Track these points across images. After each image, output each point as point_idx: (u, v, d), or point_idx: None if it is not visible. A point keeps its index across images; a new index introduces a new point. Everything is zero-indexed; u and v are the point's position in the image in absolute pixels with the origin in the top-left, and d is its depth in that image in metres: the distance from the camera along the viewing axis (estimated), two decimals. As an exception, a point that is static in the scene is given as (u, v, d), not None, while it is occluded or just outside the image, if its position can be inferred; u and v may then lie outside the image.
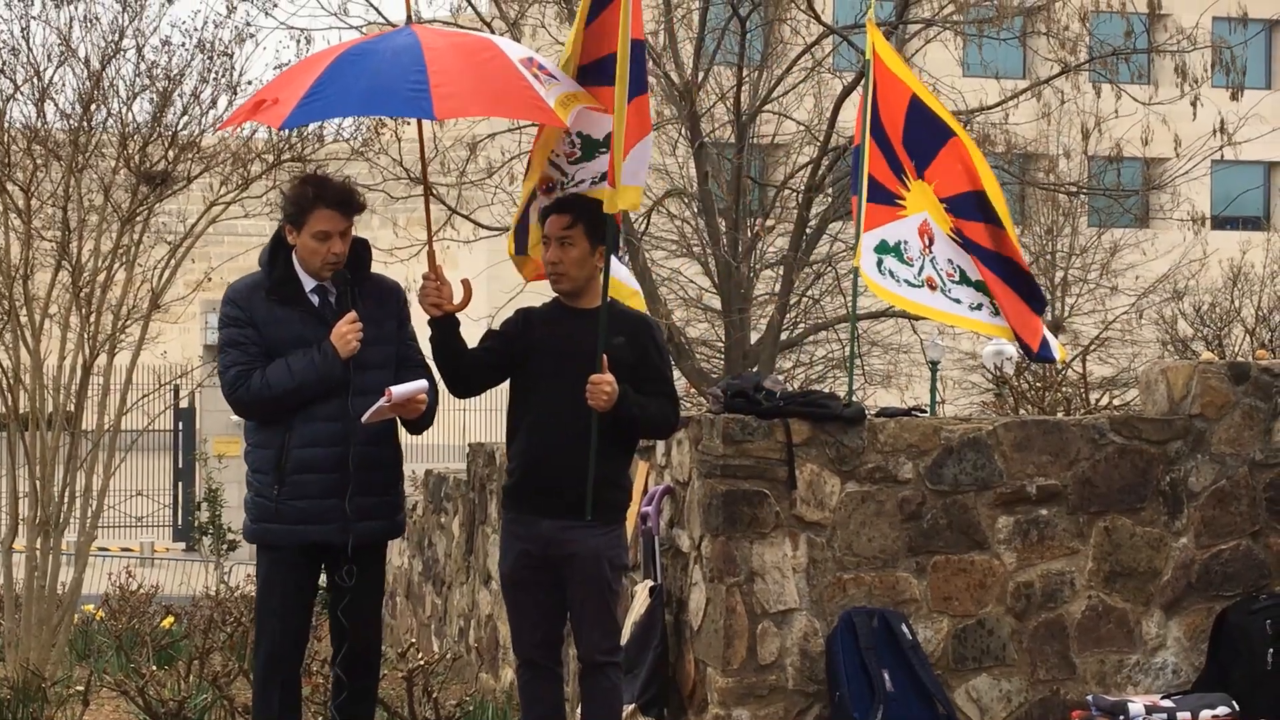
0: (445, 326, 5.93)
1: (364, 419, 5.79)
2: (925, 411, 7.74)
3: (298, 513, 5.84)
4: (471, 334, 6.14)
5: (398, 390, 5.78)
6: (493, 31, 13.83)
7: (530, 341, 6.00)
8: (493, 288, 16.35)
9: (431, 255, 6.00)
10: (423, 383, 5.87)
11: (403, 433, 6.12)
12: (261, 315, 5.87)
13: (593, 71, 6.12)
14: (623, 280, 6.39)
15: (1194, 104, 14.27)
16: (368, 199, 6.60)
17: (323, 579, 6.13)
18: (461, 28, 13.70)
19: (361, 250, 6.01)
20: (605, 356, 5.85)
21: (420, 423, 5.96)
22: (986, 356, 22.45)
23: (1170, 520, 7.20)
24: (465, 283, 5.97)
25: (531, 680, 6.08)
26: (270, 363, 5.85)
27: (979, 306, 8.45)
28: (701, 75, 15.47)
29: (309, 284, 5.92)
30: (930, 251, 8.39)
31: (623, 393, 5.84)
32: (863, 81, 8.52)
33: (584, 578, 5.92)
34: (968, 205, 8.31)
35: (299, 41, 14.19)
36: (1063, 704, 7.03)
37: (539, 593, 6.00)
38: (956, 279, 8.43)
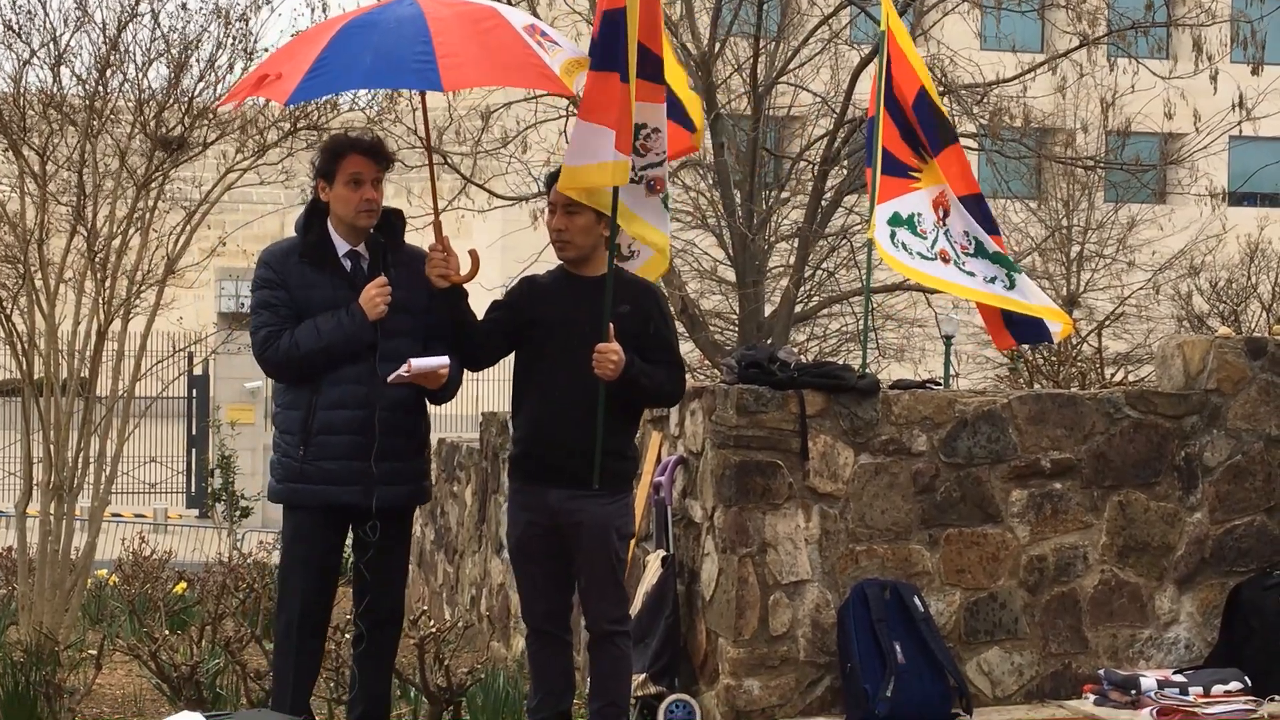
0: (452, 297, 5.93)
1: (389, 379, 5.84)
2: (940, 385, 7.72)
3: (324, 473, 5.87)
4: (486, 304, 6.14)
5: (417, 363, 5.82)
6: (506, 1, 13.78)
7: (535, 310, 5.99)
8: (506, 257, 16.33)
9: (438, 226, 5.99)
10: (444, 359, 5.88)
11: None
12: (294, 278, 5.91)
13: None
14: (649, 221, 6.26)
15: (1213, 79, 14.18)
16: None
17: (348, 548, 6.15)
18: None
19: (395, 220, 6.04)
20: (611, 325, 5.84)
21: (441, 395, 5.99)
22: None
23: (1185, 495, 7.19)
24: (473, 253, 5.96)
25: (541, 649, 6.09)
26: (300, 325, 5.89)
27: (993, 279, 8.43)
28: (718, 46, 15.40)
29: (342, 249, 5.96)
30: (944, 224, 8.37)
31: (629, 361, 5.83)
32: (877, 53, 8.50)
33: (591, 547, 5.92)
34: (971, 205, 8.37)
35: (314, 9, 14.17)
36: (1074, 678, 7.02)
37: (547, 562, 6.00)
38: (971, 251, 8.41)
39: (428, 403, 6.05)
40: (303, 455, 5.88)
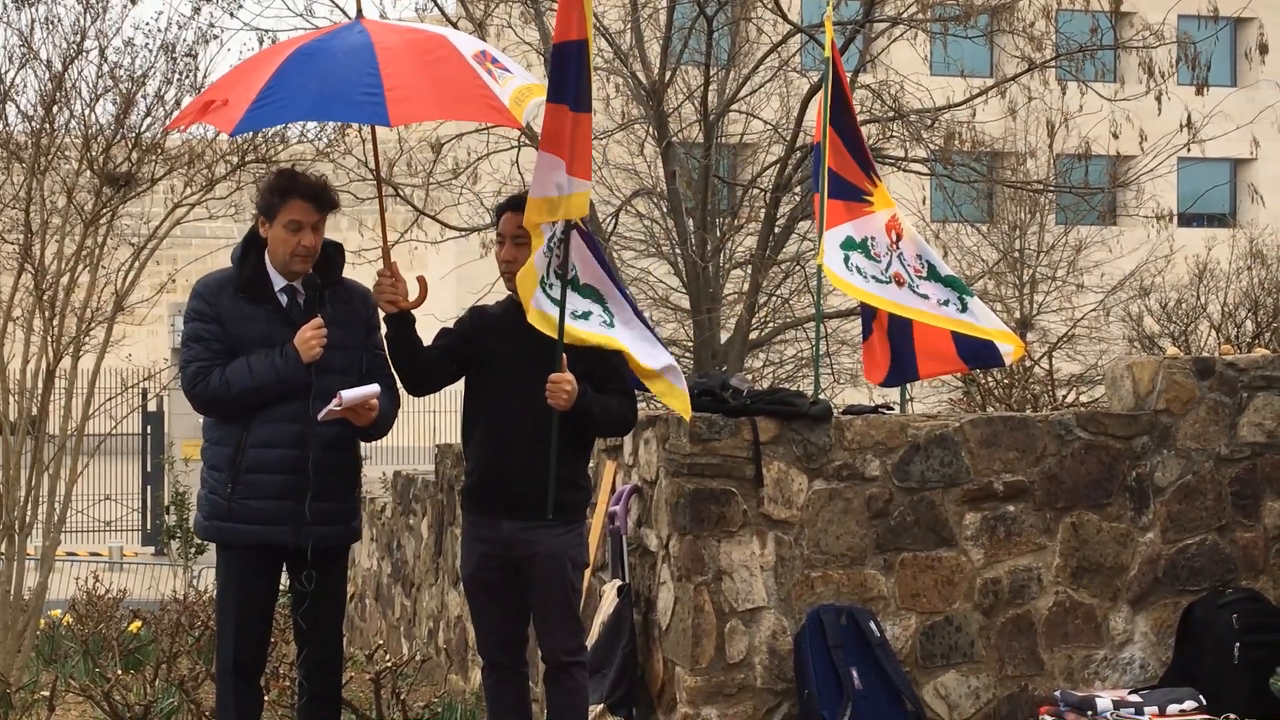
0: (400, 323, 5.90)
1: (319, 417, 5.76)
2: (893, 409, 7.75)
3: (251, 512, 5.78)
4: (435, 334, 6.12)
5: (347, 394, 5.73)
6: (456, 28, 13.78)
7: (485, 341, 5.98)
8: (460, 288, 16.30)
9: (386, 251, 5.96)
10: (374, 387, 5.80)
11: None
12: (228, 312, 5.83)
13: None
14: (640, 360, 6.05)
15: (1159, 100, 14.28)
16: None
17: (285, 581, 6.09)
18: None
19: (334, 253, 5.96)
20: (564, 355, 5.83)
21: (373, 431, 5.89)
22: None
23: (1137, 515, 7.22)
24: (421, 280, 5.93)
25: (497, 682, 6.07)
26: (232, 360, 5.80)
27: (946, 302, 8.48)
28: (668, 75, 15.44)
29: (278, 283, 5.88)
30: (898, 248, 8.42)
31: (582, 391, 5.83)
32: (822, 79, 8.55)
33: (546, 578, 5.91)
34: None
35: (263, 42, 14.12)
36: (1031, 700, 7.04)
37: (502, 594, 5.98)
38: (924, 274, 8.46)
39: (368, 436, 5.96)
40: (230, 493, 5.78)
